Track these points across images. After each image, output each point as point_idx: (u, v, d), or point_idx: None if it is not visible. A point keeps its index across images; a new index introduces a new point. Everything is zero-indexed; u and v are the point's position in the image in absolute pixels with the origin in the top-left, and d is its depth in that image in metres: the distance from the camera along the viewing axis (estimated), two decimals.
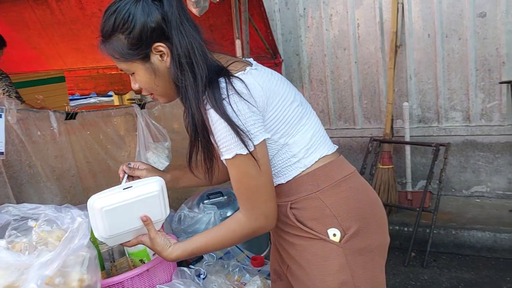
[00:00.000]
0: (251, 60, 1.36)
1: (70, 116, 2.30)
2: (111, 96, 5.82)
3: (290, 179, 1.31)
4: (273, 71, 1.36)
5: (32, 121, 2.12)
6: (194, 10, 2.76)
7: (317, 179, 1.30)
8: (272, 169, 1.31)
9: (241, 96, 1.17)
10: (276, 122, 1.26)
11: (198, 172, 1.52)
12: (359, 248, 1.29)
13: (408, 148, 3.96)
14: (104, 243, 1.66)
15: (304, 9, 4.41)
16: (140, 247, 1.65)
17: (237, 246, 1.98)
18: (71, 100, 4.73)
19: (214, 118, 1.17)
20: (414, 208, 3.59)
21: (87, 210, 1.35)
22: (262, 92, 1.22)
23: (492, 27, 3.72)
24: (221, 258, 1.91)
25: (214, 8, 3.30)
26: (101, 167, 2.46)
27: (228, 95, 1.17)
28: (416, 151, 4.12)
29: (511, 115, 3.77)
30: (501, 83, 3.76)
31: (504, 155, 3.87)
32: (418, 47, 4.00)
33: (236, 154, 1.18)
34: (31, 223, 1.50)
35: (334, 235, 1.27)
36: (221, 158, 1.24)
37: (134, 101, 4.44)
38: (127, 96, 5.07)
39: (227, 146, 1.18)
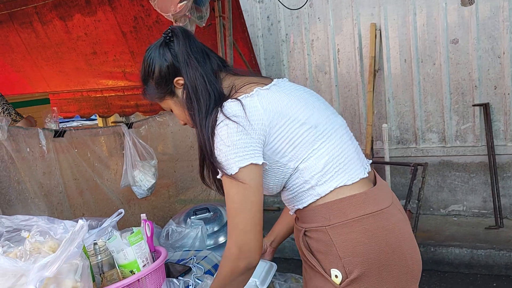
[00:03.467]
0: (278, 80, 1.38)
1: (59, 134, 2.35)
2: (94, 119, 5.84)
3: (306, 205, 1.29)
4: (298, 89, 1.38)
5: (22, 138, 2.17)
6: None
7: (330, 213, 1.24)
8: (289, 192, 1.32)
9: (237, 119, 1.21)
10: (282, 144, 1.25)
11: None
12: None
13: (388, 168, 4.07)
14: (94, 255, 1.70)
15: (286, 34, 4.56)
16: (131, 258, 1.68)
17: None
18: None
19: (215, 136, 1.25)
20: None
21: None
22: (263, 115, 1.24)
23: (464, 53, 3.90)
24: (208, 270, 1.95)
25: (200, 33, 3.41)
26: (88, 185, 2.50)
27: (226, 117, 1.22)
28: (396, 171, 4.24)
29: (484, 136, 3.92)
30: (474, 105, 3.93)
31: (478, 174, 4.01)
32: (395, 71, 4.17)
33: (223, 174, 1.24)
34: (24, 234, 1.52)
35: (336, 276, 1.23)
36: (218, 176, 1.29)
37: (118, 124, 4.49)
38: (111, 119, 5.10)
39: (219, 164, 1.24)
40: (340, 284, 1.22)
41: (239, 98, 1.26)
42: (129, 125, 2.72)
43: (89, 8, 3.95)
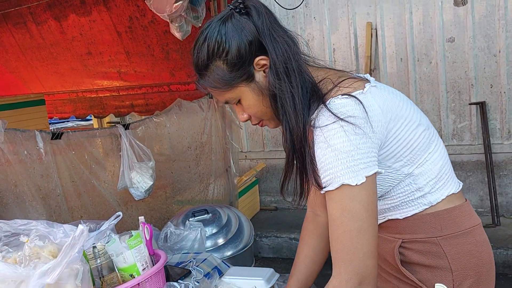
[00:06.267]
0: (367, 76, 1.20)
1: (56, 136, 2.33)
2: (90, 120, 5.81)
3: (409, 215, 1.16)
4: (394, 89, 1.21)
5: (19, 140, 2.15)
6: (177, 34, 2.84)
7: (442, 222, 1.13)
8: (390, 201, 1.17)
9: (355, 120, 1.02)
10: (398, 148, 1.10)
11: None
12: None
13: None
14: (94, 259, 1.69)
15: None
16: (130, 262, 1.67)
17: (224, 262, 2.01)
18: (49, 123, 4.70)
19: (318, 140, 1.05)
20: None
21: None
22: (381, 116, 1.07)
23: (460, 52, 3.91)
24: (208, 273, 1.94)
25: (195, 33, 3.39)
26: (86, 187, 2.48)
27: (339, 118, 1.02)
28: None
29: (481, 134, 3.94)
30: (470, 104, 3.94)
31: (475, 173, 4.02)
32: (392, 70, 4.17)
33: (342, 185, 1.00)
34: (23, 238, 1.51)
35: None
36: (322, 191, 1.07)
37: (113, 124, 4.47)
38: (106, 119, 5.07)
39: (332, 174, 1.02)
40: None
41: (353, 94, 1.06)
42: (126, 126, 2.70)
43: (84, 8, 3.93)
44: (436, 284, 1.10)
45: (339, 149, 1.00)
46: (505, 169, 3.94)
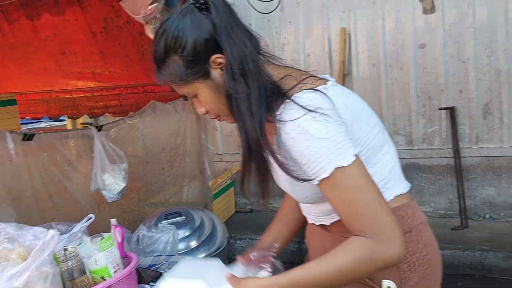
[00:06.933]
0: (327, 76, 1.21)
1: (27, 137, 2.30)
2: (63, 120, 5.74)
3: None
4: (351, 91, 1.22)
5: None
6: (152, 36, 2.84)
7: None
8: None
9: (324, 111, 1.03)
10: (358, 146, 1.09)
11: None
12: None
13: None
14: (65, 261, 1.68)
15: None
16: (102, 264, 1.67)
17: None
18: (22, 124, 4.62)
19: (294, 134, 1.04)
20: None
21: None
22: (347, 110, 1.10)
23: (431, 58, 4.01)
24: None
25: None
26: (58, 189, 2.46)
27: (309, 110, 1.02)
28: None
29: (450, 139, 4.04)
30: (440, 109, 4.05)
31: (445, 176, 4.12)
32: (364, 75, 4.25)
33: (336, 168, 1.01)
34: None
35: (389, 287, 1.14)
36: (314, 183, 1.06)
37: (87, 125, 4.42)
38: (80, 120, 5.01)
39: (322, 161, 1.02)
40: None
41: (318, 89, 1.07)
42: (99, 128, 2.69)
43: (57, 8, 3.88)
44: (383, 281, 1.14)
45: (321, 137, 1.01)
46: (473, 173, 4.05)
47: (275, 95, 1.10)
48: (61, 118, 5.08)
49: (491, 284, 3.33)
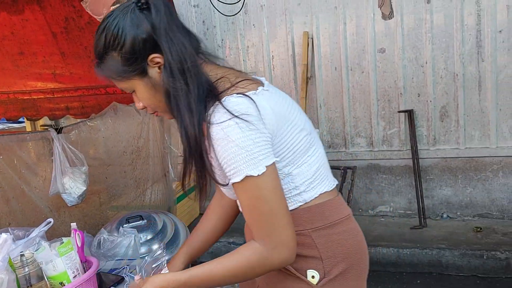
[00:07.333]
0: (262, 79, 1.27)
1: None
2: (22, 122, 5.57)
3: None
4: (284, 94, 1.29)
5: None
6: None
7: (313, 217, 1.24)
8: None
9: (249, 118, 1.09)
10: (283, 149, 1.18)
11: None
12: None
13: None
14: (21, 268, 1.65)
15: (222, 40, 4.59)
16: (60, 269, 1.65)
17: None
18: None
19: (217, 136, 1.09)
20: None
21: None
22: (272, 116, 1.15)
23: (390, 62, 4.12)
24: None
25: None
26: (15, 193, 2.40)
27: (234, 115, 1.08)
28: None
29: (409, 141, 4.16)
30: (399, 112, 4.16)
31: (404, 177, 4.24)
32: (327, 79, 4.32)
33: (246, 176, 1.09)
34: None
35: (313, 277, 1.22)
36: (230, 182, 1.14)
37: (47, 128, 4.32)
38: (40, 122, 4.89)
39: (235, 167, 1.10)
40: (317, 283, 1.22)
41: (247, 94, 1.12)
42: (59, 130, 2.64)
43: (15, 7, 3.77)
44: (307, 271, 1.23)
45: (238, 144, 1.07)
46: (431, 173, 4.18)
47: (211, 95, 1.15)
48: (20, 120, 4.94)
49: (448, 282, 3.45)
